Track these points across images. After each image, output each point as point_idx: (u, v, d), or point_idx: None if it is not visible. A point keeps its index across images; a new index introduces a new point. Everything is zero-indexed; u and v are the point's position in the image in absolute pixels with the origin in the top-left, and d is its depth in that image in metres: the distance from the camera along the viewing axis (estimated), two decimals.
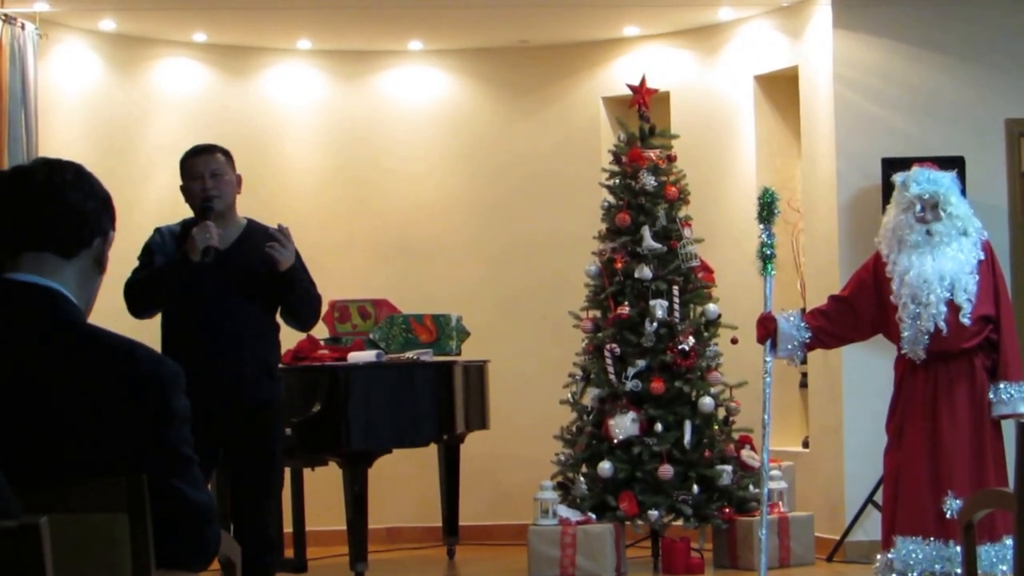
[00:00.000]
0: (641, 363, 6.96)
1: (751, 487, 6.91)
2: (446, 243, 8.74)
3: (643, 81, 7.27)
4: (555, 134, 8.72)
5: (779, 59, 7.92)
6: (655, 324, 6.95)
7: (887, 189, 6.67)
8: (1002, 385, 5.39)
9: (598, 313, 7.19)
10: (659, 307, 6.98)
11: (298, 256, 5.12)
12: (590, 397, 7.10)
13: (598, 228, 7.30)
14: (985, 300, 5.41)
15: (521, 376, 8.33)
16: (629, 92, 7.34)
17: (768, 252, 5.65)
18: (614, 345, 7.00)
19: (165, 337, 5.03)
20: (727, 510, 6.88)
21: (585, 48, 8.61)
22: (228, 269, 4.95)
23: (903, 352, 5.47)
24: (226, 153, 5.09)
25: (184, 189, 5.06)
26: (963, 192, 5.64)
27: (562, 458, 7.11)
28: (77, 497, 2.19)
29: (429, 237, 8.74)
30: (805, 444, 7.87)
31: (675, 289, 7.05)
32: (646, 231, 7.09)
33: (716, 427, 7.03)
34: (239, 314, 4.98)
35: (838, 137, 7.39)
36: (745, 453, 7.05)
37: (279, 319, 5.18)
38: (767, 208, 5.62)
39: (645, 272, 7.04)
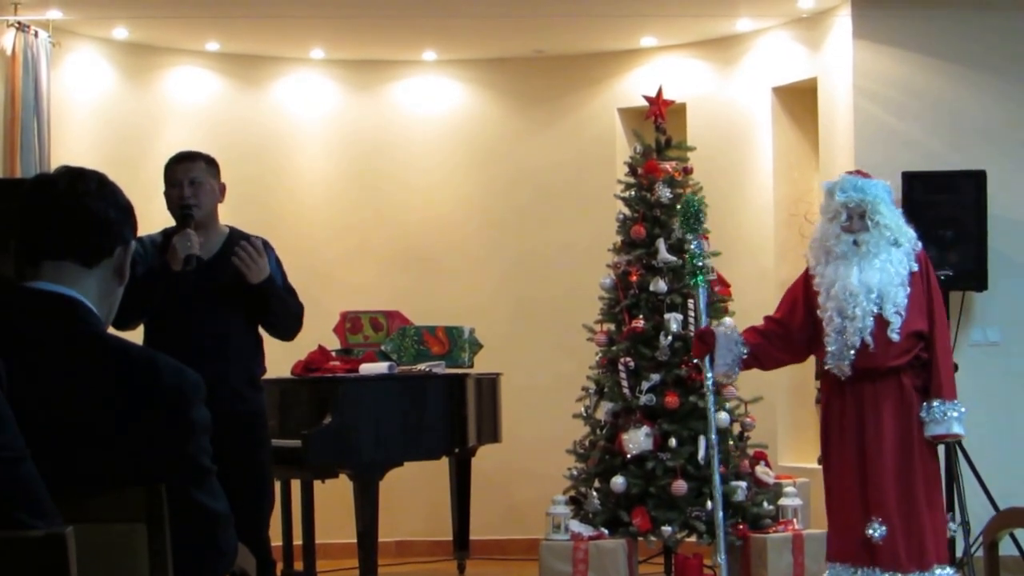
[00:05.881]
0: (655, 377, 6.89)
1: (765, 504, 6.84)
2: (459, 254, 8.69)
3: (659, 92, 7.21)
4: (570, 145, 8.67)
5: (798, 71, 7.87)
6: (670, 338, 6.88)
7: (907, 204, 6.61)
8: (936, 403, 5.16)
9: (612, 326, 7.13)
10: (674, 321, 6.90)
11: (280, 266, 5.07)
12: (603, 411, 7.03)
13: (613, 240, 7.24)
14: (917, 315, 5.17)
15: (534, 389, 8.28)
16: (645, 103, 7.27)
17: (698, 264, 5.52)
18: (628, 359, 6.93)
19: (148, 347, 4.97)
20: (741, 527, 6.80)
21: (601, 59, 8.56)
22: (210, 279, 4.89)
23: (827, 367, 5.24)
24: (210, 161, 5.01)
25: (166, 196, 5.00)
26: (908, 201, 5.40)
27: (575, 472, 7.04)
28: (96, 507, 2.19)
29: (442, 248, 8.69)
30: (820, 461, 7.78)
31: (690, 303, 6.98)
32: (661, 244, 7.02)
33: (731, 443, 6.96)
34: (222, 324, 4.91)
35: (857, 150, 7.31)
36: (760, 469, 6.98)
37: (261, 330, 5.11)
38: (693, 218, 5.50)
39: (660, 285, 6.97)
